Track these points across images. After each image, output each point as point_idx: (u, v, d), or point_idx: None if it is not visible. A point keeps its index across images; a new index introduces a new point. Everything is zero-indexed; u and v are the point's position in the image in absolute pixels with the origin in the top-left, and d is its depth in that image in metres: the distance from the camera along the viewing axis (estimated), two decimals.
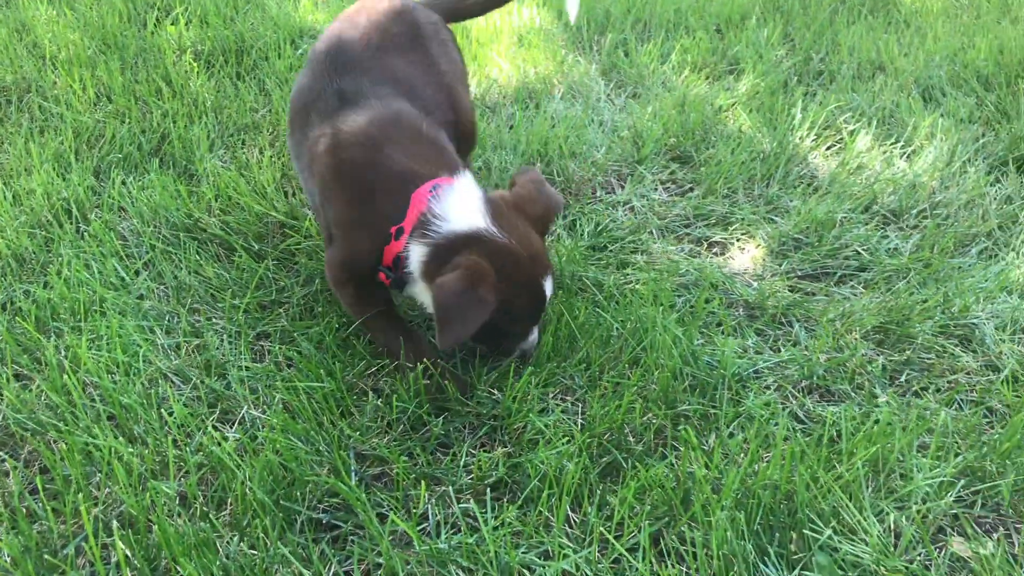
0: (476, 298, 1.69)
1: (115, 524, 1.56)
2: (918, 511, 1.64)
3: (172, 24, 3.79)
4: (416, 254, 1.84)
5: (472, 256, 1.75)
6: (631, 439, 1.80)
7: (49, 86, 3.25)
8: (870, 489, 1.68)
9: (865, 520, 1.60)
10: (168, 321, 2.12)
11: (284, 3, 4.16)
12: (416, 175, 1.90)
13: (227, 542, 1.56)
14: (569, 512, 1.65)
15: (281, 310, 2.17)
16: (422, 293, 1.90)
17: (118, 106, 3.08)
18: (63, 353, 1.99)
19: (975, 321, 2.19)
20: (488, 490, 1.68)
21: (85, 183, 2.62)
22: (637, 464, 1.72)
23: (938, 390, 2.01)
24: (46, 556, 1.51)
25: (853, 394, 1.97)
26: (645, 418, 1.83)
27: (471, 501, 1.66)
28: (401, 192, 1.88)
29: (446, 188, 1.86)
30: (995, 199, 2.71)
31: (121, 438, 1.76)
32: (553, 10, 4.15)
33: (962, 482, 1.71)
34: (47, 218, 2.47)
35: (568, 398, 1.94)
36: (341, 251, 1.98)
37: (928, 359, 2.09)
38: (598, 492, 1.67)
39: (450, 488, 1.68)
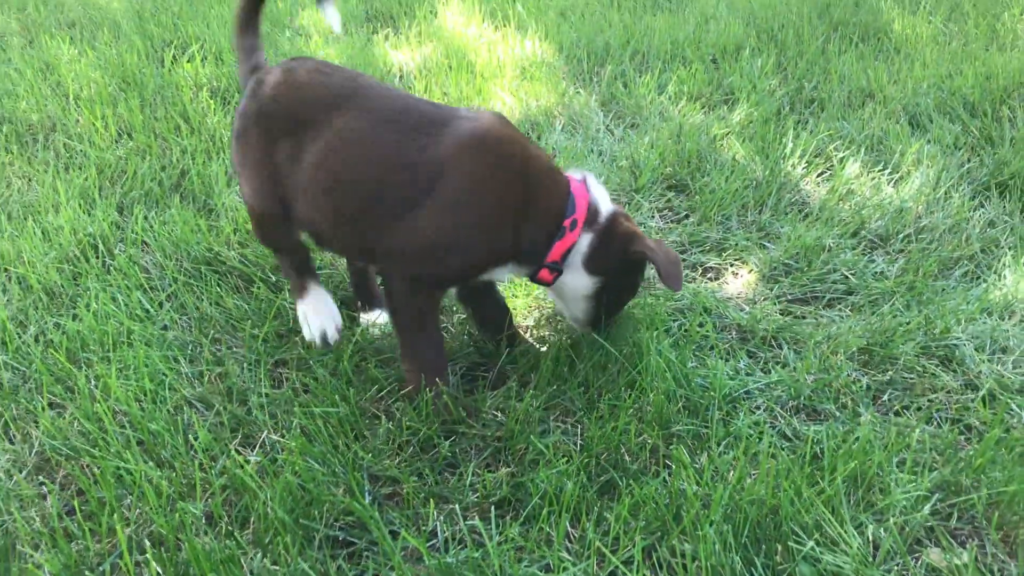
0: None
1: (147, 543, 1.68)
2: (896, 523, 1.75)
3: (188, 62, 3.94)
4: (584, 243, 2.02)
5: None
6: (627, 458, 1.91)
7: (72, 124, 3.40)
8: (851, 503, 1.79)
9: (846, 532, 1.71)
10: (191, 350, 2.25)
11: (296, 40, 4.32)
12: (559, 169, 2.08)
13: (251, 558, 1.68)
14: (568, 528, 1.76)
15: (297, 338, 2.30)
16: (573, 282, 2.07)
17: (139, 143, 3.23)
18: (93, 382, 2.12)
19: (955, 342, 2.30)
20: (493, 508, 1.79)
21: (109, 219, 2.76)
22: (632, 482, 1.84)
23: (919, 408, 2.12)
24: (85, 573, 1.64)
25: (838, 413, 2.09)
26: (640, 438, 1.95)
27: (477, 518, 1.78)
28: (562, 186, 2.02)
29: (587, 177, 2.08)
30: (978, 223, 2.83)
31: (150, 462, 1.88)
32: (555, 43, 4.30)
33: (938, 495, 1.82)
34: (75, 253, 2.61)
35: (568, 420, 2.06)
36: (461, 257, 1.97)
37: (910, 379, 2.20)
38: (596, 509, 1.79)
39: (457, 506, 1.80)
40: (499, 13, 4.74)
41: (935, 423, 2.08)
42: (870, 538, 1.73)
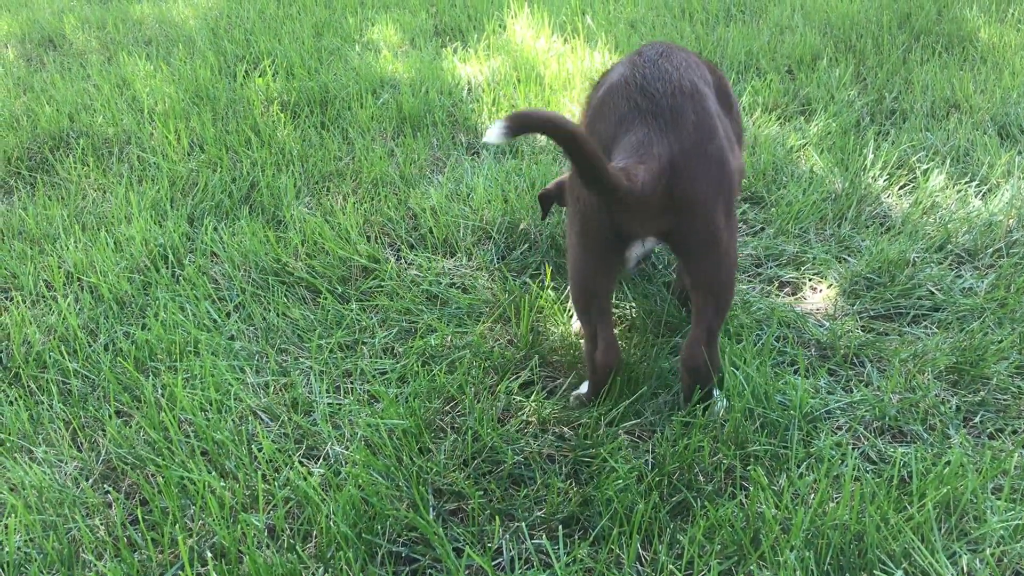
0: None
1: (208, 554, 1.66)
2: (992, 554, 1.63)
3: (260, 76, 3.99)
4: None
5: None
6: (701, 478, 1.83)
7: (147, 137, 3.45)
8: (942, 531, 1.68)
9: (937, 562, 1.60)
10: (257, 361, 2.24)
11: (366, 54, 4.34)
12: None
13: (312, 573, 1.64)
14: (640, 550, 1.69)
15: (364, 349, 2.27)
16: None
17: (210, 156, 3.26)
18: (160, 391, 2.12)
19: None
20: (560, 526, 1.73)
21: (180, 230, 2.78)
22: (707, 503, 1.75)
23: (1014, 432, 1.99)
24: None
25: (925, 435, 1.97)
26: (715, 458, 1.86)
27: (544, 537, 1.72)
28: None
29: None
30: None
31: (214, 472, 1.87)
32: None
33: None
34: (145, 263, 2.63)
35: (639, 435, 1.98)
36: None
37: (1004, 400, 2.08)
38: (668, 530, 1.71)
39: (523, 524, 1.74)
40: (568, 26, 4.70)
41: None
42: (964, 569, 1.61)
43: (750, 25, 4.68)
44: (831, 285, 2.52)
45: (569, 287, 1.99)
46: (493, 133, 1.56)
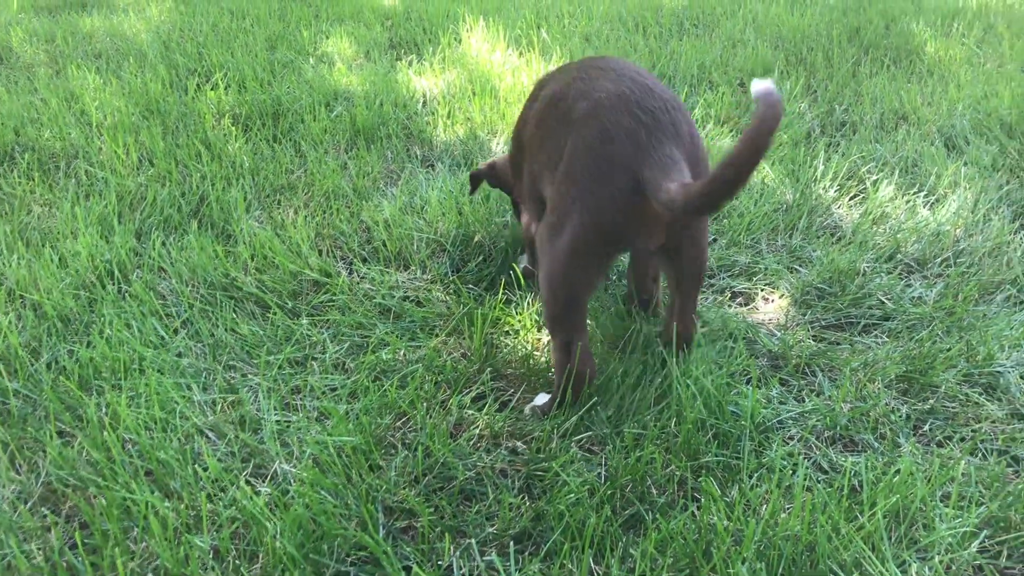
0: None
1: None
2: (941, 561, 1.64)
3: (212, 89, 3.94)
4: None
5: None
6: (654, 491, 1.82)
7: (95, 152, 3.39)
8: (892, 539, 1.69)
9: (887, 571, 1.60)
10: (205, 378, 2.20)
11: (320, 67, 4.31)
12: None
13: None
14: (592, 564, 1.67)
15: (314, 364, 2.24)
16: None
17: (159, 170, 3.21)
18: (104, 410, 2.07)
19: (999, 369, 2.19)
20: (511, 542, 1.71)
21: (127, 245, 2.72)
22: (659, 516, 1.74)
23: (962, 439, 2.01)
24: None
25: (876, 444, 1.98)
26: (668, 469, 1.86)
27: (495, 553, 1.70)
28: None
29: None
30: (1019, 246, 2.72)
31: (157, 493, 1.82)
32: None
33: (986, 532, 1.71)
34: (91, 279, 2.57)
35: (591, 448, 1.97)
36: None
37: (952, 408, 2.10)
38: (621, 544, 1.70)
39: (474, 540, 1.72)
40: (523, 39, 4.71)
41: (980, 454, 1.96)
42: None
43: (703, 39, 4.73)
44: (783, 295, 2.54)
45: (548, 300, 1.98)
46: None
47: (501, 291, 2.47)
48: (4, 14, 5.68)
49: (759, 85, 1.54)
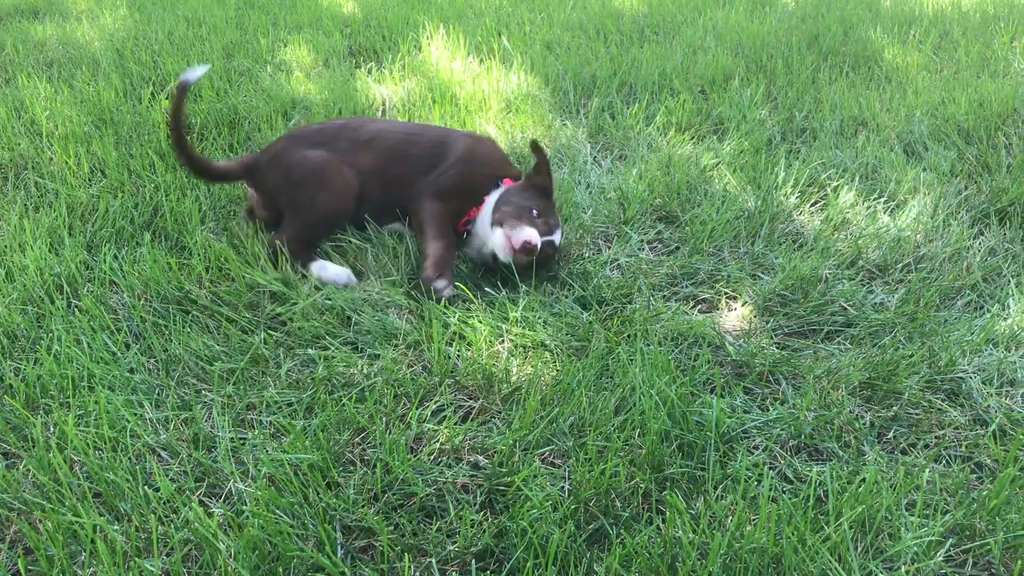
0: None
1: None
2: (907, 571, 1.63)
3: (167, 98, 3.86)
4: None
5: None
6: (618, 504, 1.79)
7: (45, 163, 3.30)
8: (859, 550, 1.67)
9: None
10: (157, 394, 2.13)
11: (277, 75, 4.25)
12: None
13: None
14: None
15: (269, 379, 2.18)
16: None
17: (112, 181, 3.14)
18: (51, 430, 2.00)
19: (961, 375, 2.19)
20: (473, 560, 1.67)
21: (78, 258, 2.65)
22: (624, 531, 1.71)
23: (926, 446, 2.00)
24: None
25: (841, 452, 1.97)
26: (632, 482, 1.83)
27: (456, 573, 1.65)
28: None
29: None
30: (979, 251, 2.73)
31: (106, 515, 1.76)
32: (541, 76, 4.23)
33: (951, 540, 1.70)
34: (39, 294, 2.49)
35: (555, 462, 1.94)
36: None
37: (915, 415, 2.09)
38: (585, 560, 1.66)
39: (434, 560, 1.67)
40: (484, 47, 4.68)
41: (944, 461, 1.96)
42: None
43: (664, 46, 4.73)
44: (745, 303, 2.52)
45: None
46: None
47: (459, 302, 2.43)
48: None
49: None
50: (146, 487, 1.82)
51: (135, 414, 2.04)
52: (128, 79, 4.25)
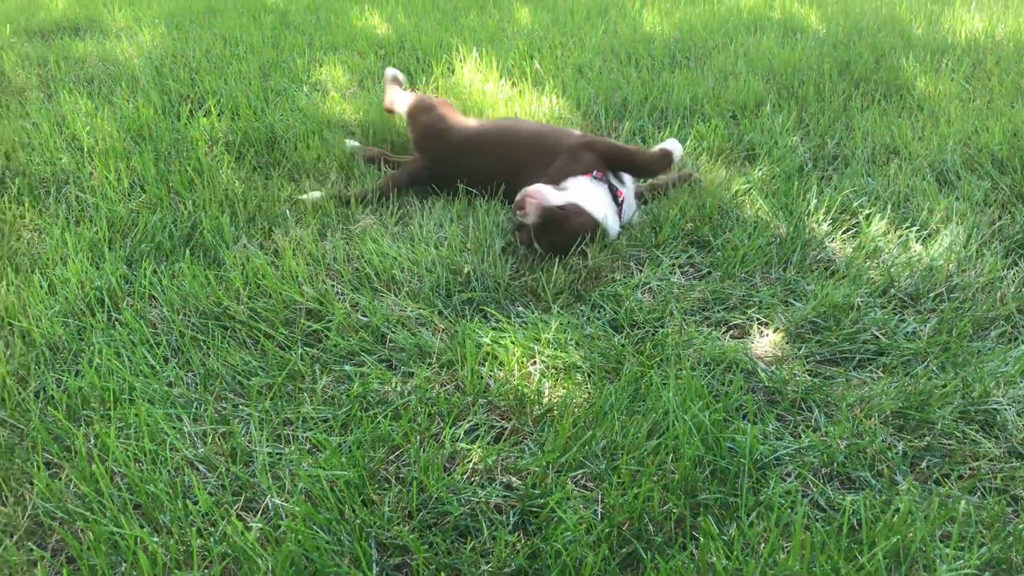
0: None
1: None
2: None
3: (205, 116, 3.93)
4: None
5: None
6: (651, 529, 1.80)
7: (86, 177, 3.37)
8: None
9: None
10: (195, 408, 2.17)
11: (313, 95, 4.31)
12: None
13: None
14: None
15: (305, 395, 2.21)
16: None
17: (151, 196, 3.19)
18: (92, 442, 2.04)
19: (996, 406, 2.18)
20: None
21: (118, 272, 2.70)
22: (657, 555, 1.72)
23: (959, 477, 2.00)
24: None
25: (873, 481, 1.97)
26: (665, 507, 1.83)
27: None
28: None
29: None
30: (1013, 282, 2.72)
31: (146, 527, 1.79)
32: (572, 99, 4.27)
33: (988, 574, 1.70)
34: (80, 307, 2.54)
35: (588, 484, 1.95)
36: None
37: (948, 445, 2.08)
38: None
39: None
40: (516, 70, 4.73)
41: (979, 493, 1.95)
42: None
43: (695, 71, 4.76)
44: (777, 329, 2.53)
45: None
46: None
47: (491, 323, 2.45)
48: None
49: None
50: (185, 500, 1.85)
51: (174, 427, 2.08)
52: (167, 96, 4.33)
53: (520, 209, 2.69)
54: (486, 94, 4.29)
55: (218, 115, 3.98)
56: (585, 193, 2.93)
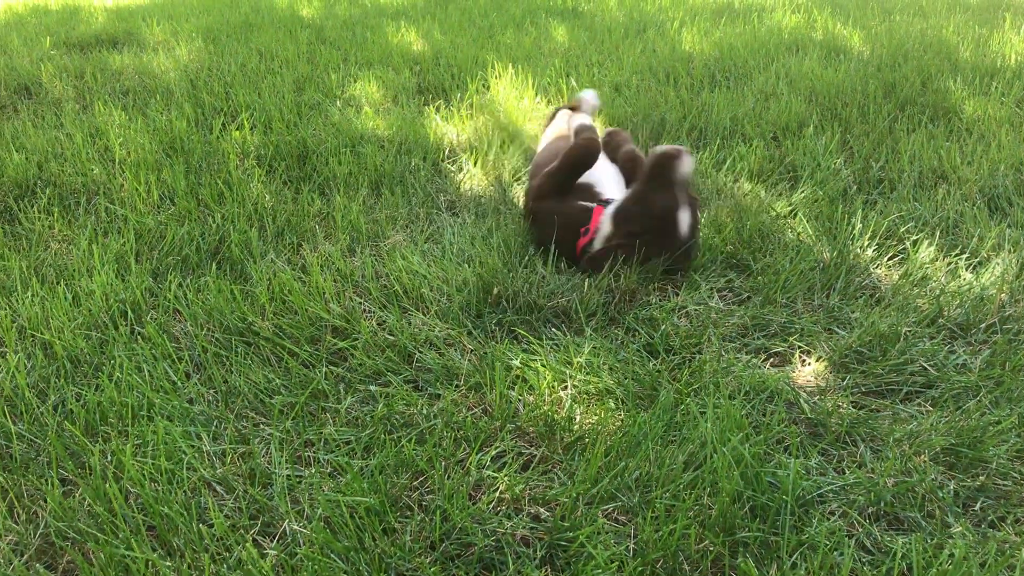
0: None
1: None
2: None
3: (237, 129, 3.90)
4: None
5: None
6: (686, 567, 1.70)
7: (116, 189, 3.34)
8: None
9: None
10: (215, 426, 2.10)
11: (346, 109, 4.27)
12: None
13: None
14: None
15: (328, 416, 2.14)
16: None
17: (180, 208, 3.16)
18: (108, 459, 1.98)
19: None
20: None
21: (143, 285, 2.65)
22: None
23: (1016, 520, 1.88)
24: None
25: (924, 523, 1.85)
26: (701, 545, 1.74)
27: None
28: None
29: None
30: None
31: (159, 550, 1.72)
32: (609, 117, 4.19)
33: None
34: (103, 319, 2.50)
35: (620, 518, 1.86)
36: None
37: (1004, 486, 1.96)
38: None
39: None
40: (552, 87, 4.67)
41: None
42: None
43: (735, 91, 4.66)
44: (820, 358, 2.42)
45: None
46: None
47: (522, 344, 2.37)
48: (36, 50, 5.71)
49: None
50: (200, 523, 1.78)
51: (192, 446, 2.02)
52: (200, 109, 4.31)
53: (675, 158, 2.71)
54: (521, 111, 4.23)
55: (251, 128, 3.95)
56: None
